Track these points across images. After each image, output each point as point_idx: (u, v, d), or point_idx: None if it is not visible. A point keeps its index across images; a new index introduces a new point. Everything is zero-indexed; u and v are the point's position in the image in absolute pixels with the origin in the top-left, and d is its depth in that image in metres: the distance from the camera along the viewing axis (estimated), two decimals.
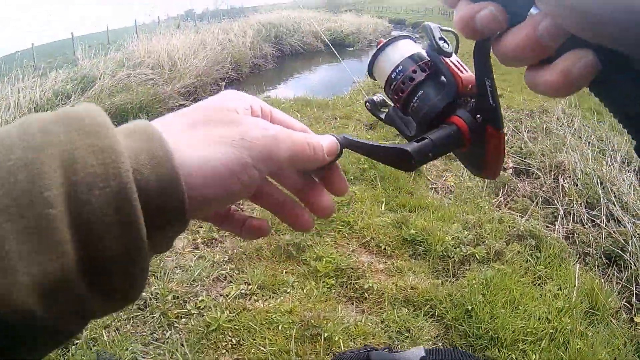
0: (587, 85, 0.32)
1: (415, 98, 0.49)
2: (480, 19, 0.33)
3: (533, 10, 0.32)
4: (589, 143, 4.69)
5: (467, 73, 0.46)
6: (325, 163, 0.42)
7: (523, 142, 4.80)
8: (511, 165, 4.35)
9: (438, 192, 3.89)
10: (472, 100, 0.45)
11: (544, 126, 5.21)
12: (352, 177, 3.94)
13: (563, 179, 3.96)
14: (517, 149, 4.67)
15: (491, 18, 0.33)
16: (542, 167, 4.19)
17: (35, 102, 7.37)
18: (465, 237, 3.07)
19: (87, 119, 0.28)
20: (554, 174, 4.07)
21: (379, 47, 0.53)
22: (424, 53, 0.50)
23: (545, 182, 3.99)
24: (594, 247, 3.19)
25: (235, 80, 10.98)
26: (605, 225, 3.36)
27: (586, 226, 3.42)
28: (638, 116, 0.32)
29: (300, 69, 13.55)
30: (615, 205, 3.50)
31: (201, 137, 0.33)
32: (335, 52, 5.85)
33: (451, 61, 0.47)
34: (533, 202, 3.75)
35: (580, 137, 4.88)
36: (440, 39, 0.47)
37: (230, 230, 0.44)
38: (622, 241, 3.14)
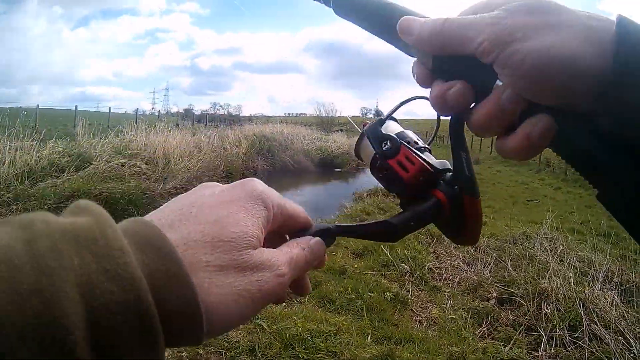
0: (547, 146, 0.38)
1: (389, 185, 0.54)
2: (450, 95, 0.39)
3: (498, 82, 0.38)
4: (572, 266, 4.94)
5: (414, 167, 0.50)
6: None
7: (507, 270, 5.05)
8: (494, 295, 4.55)
9: (422, 324, 4.06)
10: (449, 173, 0.50)
11: (527, 253, 5.48)
12: (338, 307, 4.12)
13: (546, 305, 4.16)
14: (500, 278, 4.90)
15: (460, 94, 0.39)
16: (525, 295, 4.40)
17: (30, 166, 7.56)
18: None
19: (100, 239, 0.28)
20: (537, 301, 4.27)
21: (361, 133, 0.57)
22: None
23: (528, 310, 4.18)
24: None
25: None
26: (588, 345, 3.55)
27: (569, 349, 3.59)
28: (595, 166, 0.37)
29: (289, 187, 14.02)
30: (597, 325, 3.71)
31: (225, 288, 0.35)
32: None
33: (397, 160, 0.51)
34: (516, 330, 3.92)
35: (563, 261, 5.13)
36: (383, 140, 0.53)
37: None
38: (605, 359, 3.33)
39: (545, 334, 3.77)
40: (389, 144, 0.53)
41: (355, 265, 5.17)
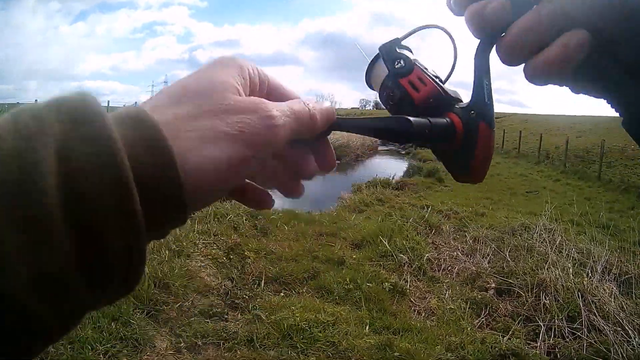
0: (578, 63, 0.37)
1: (399, 108, 0.51)
2: (491, 8, 0.39)
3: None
4: (570, 257, 4.97)
5: (426, 88, 0.49)
6: (321, 130, 0.42)
7: (505, 261, 5.07)
8: (493, 285, 4.57)
9: (421, 314, 4.07)
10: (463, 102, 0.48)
11: (526, 244, 5.50)
12: (337, 297, 4.14)
13: (544, 296, 4.18)
14: (499, 268, 4.93)
15: (500, 7, 0.39)
16: (524, 286, 4.43)
17: None
18: (448, 359, 3.22)
19: (81, 107, 0.28)
20: (536, 292, 4.30)
21: (376, 54, 0.55)
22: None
23: (527, 301, 4.20)
24: (575, 359, 3.36)
25: None
26: (587, 336, 3.57)
27: (568, 339, 3.62)
28: (621, 92, 0.38)
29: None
30: (596, 316, 3.74)
31: (198, 132, 0.33)
32: None
33: (409, 80, 0.51)
34: (515, 320, 3.94)
35: (562, 252, 5.16)
36: (396, 58, 0.52)
37: (230, 197, 0.44)
38: (604, 350, 3.35)
39: (544, 325, 3.79)
40: (402, 62, 0.51)
41: (354, 256, 5.19)
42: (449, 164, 0.50)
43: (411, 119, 0.43)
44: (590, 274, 4.52)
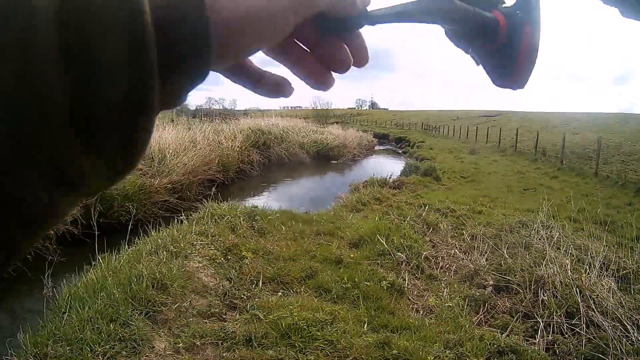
0: None
1: None
2: None
3: None
4: (568, 253, 4.98)
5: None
6: (357, 14, 0.39)
7: (503, 258, 5.08)
8: (491, 282, 4.58)
9: (419, 312, 4.08)
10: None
11: (523, 241, 5.52)
12: (334, 296, 4.14)
13: (543, 292, 4.19)
14: (496, 265, 4.94)
15: None
16: (522, 282, 4.44)
17: None
18: (446, 356, 3.24)
19: None
20: (534, 288, 4.31)
21: None
22: None
23: (525, 297, 4.21)
24: (574, 355, 3.39)
25: (221, 183, 11.41)
26: (585, 332, 3.58)
27: (566, 335, 3.63)
28: None
29: (285, 179, 14.10)
30: (594, 312, 3.75)
31: None
32: None
33: None
34: (513, 317, 3.95)
35: (560, 248, 5.18)
36: None
37: (245, 85, 0.39)
38: (603, 345, 3.37)
39: (543, 321, 3.79)
40: None
41: (352, 255, 5.19)
42: (488, 65, 0.47)
43: None
44: (588, 270, 4.53)
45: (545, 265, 4.59)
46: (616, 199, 10.29)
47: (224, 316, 3.72)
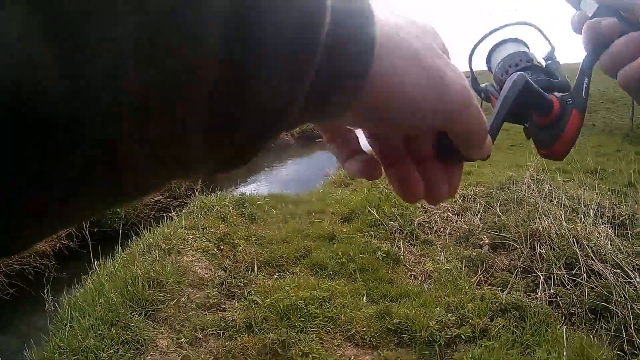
0: None
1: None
2: (605, 24, 0.49)
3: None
4: (561, 204, 4.98)
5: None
6: (478, 159, 0.38)
7: (496, 215, 5.07)
8: (487, 241, 4.57)
9: (417, 279, 4.07)
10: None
11: (515, 197, 5.51)
12: (330, 272, 4.12)
13: (540, 246, 4.19)
14: (491, 224, 4.93)
15: (613, 24, 0.48)
16: (518, 238, 4.44)
17: None
18: (449, 320, 3.23)
19: None
20: (530, 242, 4.31)
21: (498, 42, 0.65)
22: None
23: (522, 252, 4.22)
24: (578, 305, 3.40)
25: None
26: (587, 281, 3.59)
27: (568, 287, 3.63)
28: None
29: (272, 163, 14.02)
30: (594, 260, 3.75)
31: (414, 43, 0.27)
32: None
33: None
34: (512, 274, 3.95)
35: (552, 201, 5.18)
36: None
37: (338, 154, 0.38)
38: (606, 293, 3.37)
39: (542, 275, 3.80)
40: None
41: (344, 230, 5.16)
42: (536, 135, 0.58)
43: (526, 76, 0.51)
44: (583, 219, 4.53)
45: (539, 219, 4.59)
46: (605, 147, 10.31)
47: (223, 306, 3.70)
